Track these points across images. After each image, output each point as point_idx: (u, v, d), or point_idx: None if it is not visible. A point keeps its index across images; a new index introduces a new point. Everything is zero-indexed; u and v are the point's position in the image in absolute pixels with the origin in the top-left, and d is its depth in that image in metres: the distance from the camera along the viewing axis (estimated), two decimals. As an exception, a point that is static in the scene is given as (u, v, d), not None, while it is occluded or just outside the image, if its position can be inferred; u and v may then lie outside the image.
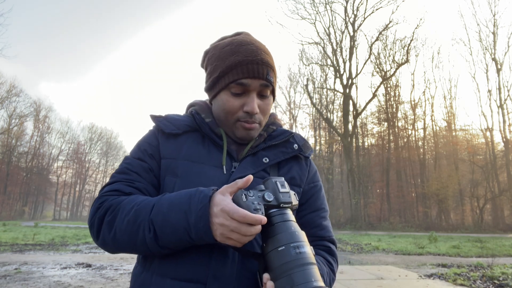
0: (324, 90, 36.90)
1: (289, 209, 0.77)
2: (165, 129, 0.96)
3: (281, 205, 0.75)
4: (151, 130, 1.01)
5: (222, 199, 0.74)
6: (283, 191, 0.76)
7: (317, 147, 39.82)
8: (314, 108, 36.39)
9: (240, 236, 0.71)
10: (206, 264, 0.81)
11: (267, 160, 0.95)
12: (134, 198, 0.84)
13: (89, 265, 7.11)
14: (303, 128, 41.56)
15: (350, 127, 30.88)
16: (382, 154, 35.84)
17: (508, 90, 30.56)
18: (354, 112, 31.18)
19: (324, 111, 37.15)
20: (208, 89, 1.00)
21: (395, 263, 8.49)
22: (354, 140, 32.88)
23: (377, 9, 29.41)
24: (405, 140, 35.95)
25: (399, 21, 36.84)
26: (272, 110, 1.06)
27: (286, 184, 0.79)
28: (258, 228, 0.71)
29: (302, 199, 0.99)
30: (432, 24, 59.58)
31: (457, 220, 31.83)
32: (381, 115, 36.99)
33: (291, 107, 40.37)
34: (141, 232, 0.79)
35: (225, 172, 0.91)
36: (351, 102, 30.59)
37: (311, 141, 42.87)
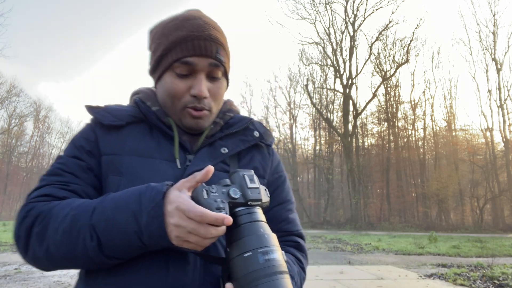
0: (324, 90, 36.92)
1: (258, 207, 0.67)
2: (104, 121, 0.81)
3: (249, 203, 0.65)
4: (87, 124, 0.86)
5: (178, 196, 0.62)
6: (251, 187, 0.66)
7: (317, 147, 39.83)
8: (314, 108, 36.39)
9: (200, 239, 0.61)
10: (162, 274, 0.68)
11: (226, 150, 0.84)
12: (70, 202, 0.70)
13: (89, 265, 7.12)
14: (303, 128, 41.62)
15: (350, 127, 30.90)
16: (382, 154, 35.82)
17: (508, 90, 30.58)
18: (354, 112, 31.19)
19: (324, 111, 37.15)
20: (151, 71, 0.87)
21: (395, 263, 8.48)
22: (354, 140, 32.88)
23: (377, 9, 29.44)
24: (405, 140, 35.94)
25: (399, 21, 36.87)
26: (226, 97, 0.95)
27: (255, 178, 0.69)
28: (221, 229, 0.61)
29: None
30: (432, 24, 59.60)
31: (457, 220, 31.82)
32: (381, 115, 36.98)
33: (291, 107, 40.36)
34: (81, 241, 0.65)
35: (179, 166, 0.79)
36: (351, 102, 30.59)
37: (311, 141, 42.91)
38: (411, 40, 29.45)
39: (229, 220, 0.60)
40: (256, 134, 0.90)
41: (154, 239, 0.63)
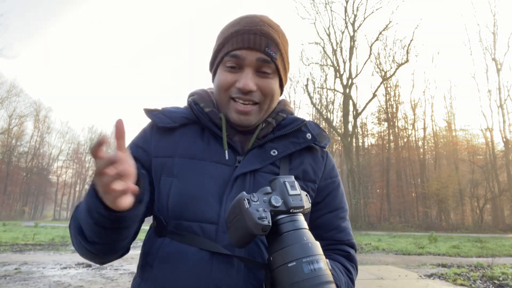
0: (324, 90, 36.94)
1: (300, 214, 0.66)
2: (159, 123, 0.85)
3: (291, 211, 0.64)
4: (143, 128, 0.90)
5: None
6: (293, 194, 0.66)
7: (317, 147, 39.75)
8: (314, 108, 36.40)
9: (100, 176, 0.58)
10: (207, 274, 0.72)
11: (276, 152, 0.84)
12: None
13: (89, 265, 7.11)
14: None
15: (350, 127, 30.89)
16: (382, 154, 35.84)
17: (508, 90, 30.59)
18: (354, 112, 31.18)
19: (324, 111, 37.16)
20: (210, 68, 0.90)
21: (395, 263, 8.48)
22: (354, 140, 32.90)
23: (377, 9, 29.42)
24: (405, 140, 35.97)
25: (399, 21, 36.90)
26: (282, 97, 0.95)
27: (296, 184, 0.68)
28: (102, 147, 0.59)
29: (318, 197, 0.88)
30: (432, 24, 59.60)
31: (457, 220, 31.82)
32: (381, 115, 37.02)
33: (291, 107, 40.31)
34: (77, 235, 0.75)
35: (228, 166, 0.81)
36: (351, 102, 30.58)
37: (311, 141, 42.81)
38: (411, 40, 29.43)
39: (119, 122, 0.62)
40: (309, 136, 0.88)
41: (92, 206, 0.65)
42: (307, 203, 0.68)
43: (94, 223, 0.67)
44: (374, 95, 30.43)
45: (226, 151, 0.82)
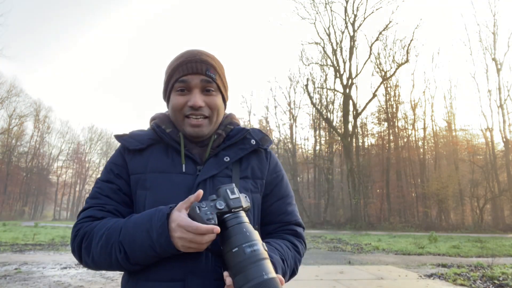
0: (324, 90, 36.93)
1: (241, 211, 0.84)
2: (130, 146, 1.02)
3: (232, 210, 0.82)
4: (117, 150, 1.07)
5: (178, 215, 0.82)
6: (233, 197, 0.84)
7: (317, 147, 39.84)
8: (314, 108, 36.41)
9: (198, 245, 0.80)
10: (182, 264, 0.89)
11: (228, 158, 1.01)
12: (105, 222, 0.92)
13: (89, 265, 7.11)
14: (303, 128, 41.58)
15: (350, 127, 30.90)
16: (382, 154, 35.82)
17: (508, 90, 30.58)
18: (354, 112, 31.19)
19: (324, 111, 37.15)
20: (163, 96, 1.07)
21: (395, 263, 8.49)
22: (354, 140, 32.89)
23: (377, 9, 29.47)
24: (405, 140, 35.93)
25: (399, 21, 36.89)
26: (229, 110, 1.15)
27: (235, 189, 0.86)
28: (212, 236, 0.79)
29: (267, 189, 1.07)
30: (432, 24, 59.59)
31: (457, 220, 31.81)
32: (381, 115, 36.97)
33: (291, 107, 40.33)
34: (113, 253, 0.88)
35: (186, 172, 0.98)
36: (351, 102, 30.59)
37: (311, 141, 42.93)
38: (411, 40, 29.48)
39: (217, 229, 0.78)
40: (253, 142, 1.06)
41: (164, 249, 0.84)
42: (245, 203, 0.86)
43: (152, 256, 0.86)
44: (374, 95, 30.45)
45: (184, 164, 0.99)
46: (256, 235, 0.80)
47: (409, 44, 29.45)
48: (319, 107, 35.88)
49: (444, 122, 36.17)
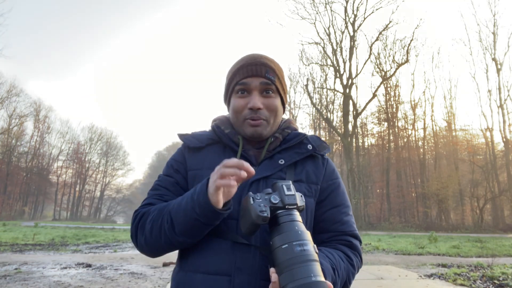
0: (324, 90, 36.93)
1: (295, 210, 0.82)
2: (190, 144, 1.08)
3: (286, 207, 0.81)
4: (179, 148, 1.14)
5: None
6: (288, 194, 0.82)
7: (317, 147, 39.73)
8: (314, 108, 36.40)
9: (227, 180, 0.81)
10: (230, 259, 0.91)
11: (283, 161, 1.02)
12: (162, 204, 0.97)
13: (89, 265, 7.11)
14: (303, 128, 41.50)
15: (350, 127, 30.87)
16: (382, 154, 35.84)
17: (508, 90, 30.58)
18: (354, 112, 31.17)
19: (324, 111, 37.15)
20: (224, 99, 1.12)
21: (395, 263, 8.48)
22: (354, 140, 32.89)
23: (377, 9, 29.39)
24: (405, 140, 35.95)
25: (399, 21, 36.87)
26: (285, 116, 1.18)
27: (292, 187, 0.85)
28: (242, 173, 0.80)
29: (322, 195, 1.05)
30: (432, 24, 59.59)
31: (457, 220, 31.83)
32: (381, 115, 37.00)
33: (291, 107, 40.34)
34: (162, 225, 0.91)
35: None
36: (351, 102, 30.57)
37: (311, 141, 42.74)
38: (411, 40, 29.42)
39: (246, 164, 0.81)
40: (310, 147, 1.07)
41: (202, 208, 0.85)
42: (300, 202, 0.84)
43: (194, 218, 0.87)
44: (374, 95, 30.42)
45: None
46: (308, 235, 0.78)
47: (409, 44, 29.43)
48: (319, 107, 35.89)
49: (444, 122, 36.23)
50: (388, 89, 35.50)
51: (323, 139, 1.14)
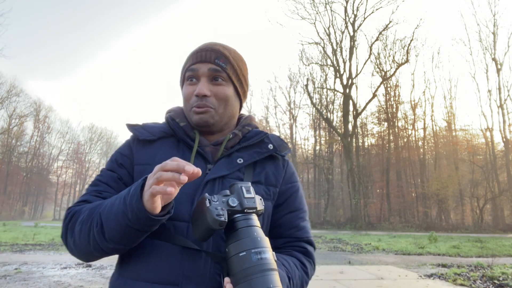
0: (324, 90, 36.91)
1: (254, 214, 0.76)
2: (140, 136, 0.98)
3: (245, 210, 0.75)
4: (127, 140, 1.03)
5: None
6: (247, 197, 0.76)
7: (317, 147, 39.82)
8: (314, 108, 36.38)
9: (162, 188, 0.68)
10: (178, 266, 0.82)
11: (242, 160, 0.95)
12: (96, 203, 0.85)
13: (89, 265, 7.11)
14: (303, 128, 41.59)
15: (350, 127, 30.88)
16: (382, 154, 35.82)
17: (508, 90, 30.59)
18: (354, 112, 31.18)
19: (324, 111, 37.14)
20: (180, 87, 1.03)
21: (395, 263, 8.49)
22: (354, 140, 32.88)
23: (377, 9, 29.44)
24: (405, 140, 35.93)
25: (399, 21, 36.90)
26: (243, 112, 1.10)
27: (251, 189, 0.78)
28: (181, 177, 0.68)
29: (280, 199, 0.98)
30: (432, 24, 59.56)
31: (457, 220, 31.81)
32: (381, 115, 36.97)
33: (291, 107, 40.36)
34: (91, 228, 0.80)
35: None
36: (351, 102, 30.58)
37: (311, 141, 42.91)
38: (411, 40, 29.45)
39: (189, 168, 0.69)
40: (270, 146, 0.99)
41: (135, 213, 0.73)
42: (260, 206, 0.78)
43: (125, 224, 0.75)
44: (374, 95, 30.44)
45: (193, 157, 0.93)
46: (266, 242, 0.72)
47: (409, 44, 29.45)
48: (319, 107, 35.87)
49: (444, 122, 36.22)
50: (388, 89, 35.49)
51: (283, 138, 1.07)
